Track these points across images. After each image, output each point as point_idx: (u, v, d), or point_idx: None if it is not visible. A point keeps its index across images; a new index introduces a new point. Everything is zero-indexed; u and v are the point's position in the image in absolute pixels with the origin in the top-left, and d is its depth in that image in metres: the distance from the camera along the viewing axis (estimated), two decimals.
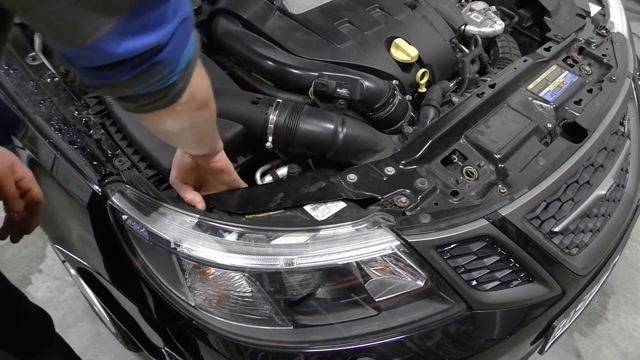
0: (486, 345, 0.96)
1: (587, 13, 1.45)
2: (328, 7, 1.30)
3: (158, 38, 0.49)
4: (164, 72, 0.53)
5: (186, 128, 0.67)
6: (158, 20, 0.48)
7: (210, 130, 0.75)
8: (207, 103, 0.66)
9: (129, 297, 0.99)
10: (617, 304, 1.85)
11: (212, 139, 0.78)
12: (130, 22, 0.46)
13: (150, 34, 0.48)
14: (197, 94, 0.62)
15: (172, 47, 0.51)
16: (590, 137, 1.06)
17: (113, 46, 0.47)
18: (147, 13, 0.47)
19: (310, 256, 0.83)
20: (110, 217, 0.90)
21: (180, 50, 0.53)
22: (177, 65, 0.54)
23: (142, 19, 0.47)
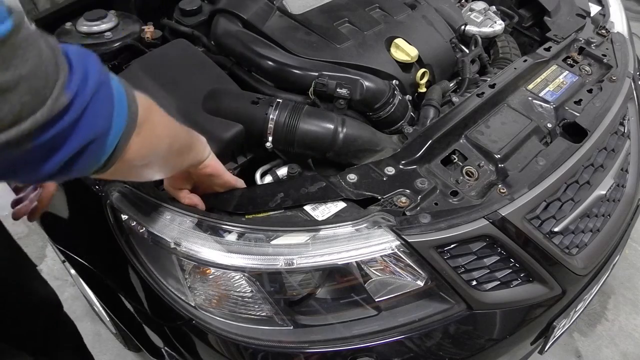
0: (486, 345, 0.96)
1: (587, 13, 1.45)
2: (328, 7, 1.30)
3: (43, 174, 0.44)
4: (70, 176, 0.49)
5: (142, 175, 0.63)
6: (36, 160, 0.43)
7: (177, 162, 0.71)
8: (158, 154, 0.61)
9: (128, 297, 0.99)
10: (617, 304, 1.85)
11: (184, 163, 0.74)
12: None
13: (28, 173, 0.44)
14: (136, 158, 0.55)
15: (73, 169, 0.46)
16: (590, 137, 1.06)
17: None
18: (14, 161, 0.42)
19: (310, 256, 0.83)
20: (110, 217, 0.90)
21: (88, 166, 0.48)
22: (86, 172, 0.49)
23: (8, 165, 0.42)
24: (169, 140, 0.64)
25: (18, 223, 2.03)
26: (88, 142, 0.46)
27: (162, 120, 0.61)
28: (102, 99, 0.47)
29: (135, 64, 1.08)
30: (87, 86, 0.45)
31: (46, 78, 0.40)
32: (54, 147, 0.43)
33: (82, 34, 1.17)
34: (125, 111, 0.50)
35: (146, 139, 0.56)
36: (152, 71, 1.06)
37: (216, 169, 0.83)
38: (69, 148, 0.44)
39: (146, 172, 0.64)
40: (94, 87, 0.45)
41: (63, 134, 0.43)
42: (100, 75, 0.47)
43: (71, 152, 0.45)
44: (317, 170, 1.08)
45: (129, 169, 0.57)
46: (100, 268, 1.06)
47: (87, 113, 0.45)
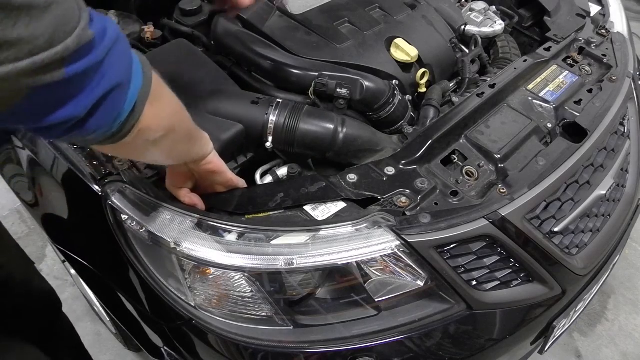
0: (486, 345, 0.96)
1: (587, 13, 1.45)
2: (328, 7, 1.30)
3: (71, 113, 0.47)
4: (92, 135, 0.52)
5: (148, 154, 0.65)
6: (68, 97, 0.46)
7: (184, 149, 0.73)
8: (168, 132, 0.64)
9: (128, 297, 0.99)
10: (617, 304, 1.85)
11: (189, 153, 0.76)
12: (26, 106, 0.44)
13: (59, 111, 0.46)
14: (150, 129, 0.59)
15: (97, 118, 0.50)
16: (590, 137, 1.06)
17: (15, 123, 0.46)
18: (51, 95, 0.45)
19: (310, 256, 0.83)
20: (110, 217, 0.90)
21: (109, 117, 0.51)
22: (108, 128, 0.52)
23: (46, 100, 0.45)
24: (179, 118, 0.66)
25: (18, 223, 2.03)
26: (112, 86, 0.49)
27: (172, 97, 0.64)
28: (121, 50, 0.51)
29: None
30: (106, 34, 0.48)
31: (73, 10, 0.44)
32: (84, 85, 0.47)
33: None
34: (140, 72, 0.54)
35: (160, 110, 0.60)
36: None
37: (219, 166, 0.84)
38: (97, 88, 0.48)
39: (156, 151, 0.66)
40: (114, 37, 0.49)
41: (91, 72, 0.46)
42: (117, 30, 0.51)
43: (99, 93, 0.48)
44: (317, 170, 1.08)
45: (143, 143, 0.60)
46: (100, 268, 1.06)
47: (109, 58, 0.48)
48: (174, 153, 0.72)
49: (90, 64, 0.46)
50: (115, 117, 0.52)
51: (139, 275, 0.91)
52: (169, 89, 0.64)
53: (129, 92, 0.52)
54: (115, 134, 0.54)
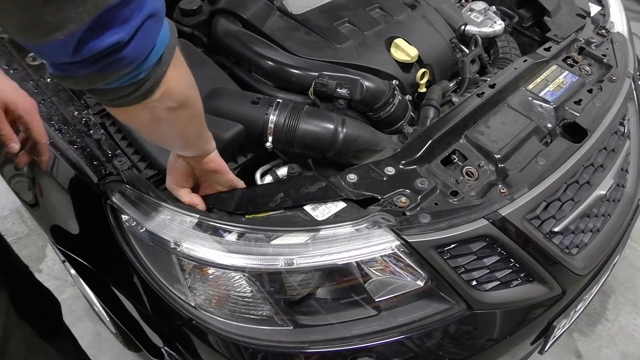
0: (486, 345, 0.96)
1: (587, 13, 1.45)
2: (328, 7, 1.30)
3: (118, 37, 0.47)
4: (126, 69, 0.52)
5: (164, 127, 0.66)
6: (120, 19, 0.46)
7: (196, 131, 0.73)
8: (186, 102, 0.65)
9: (128, 297, 0.99)
10: (617, 304, 1.85)
11: (199, 140, 0.76)
12: (97, 22, 0.45)
13: (110, 33, 0.46)
14: (173, 92, 0.60)
15: (134, 45, 0.50)
16: (590, 137, 1.06)
17: (69, 49, 0.46)
18: (112, 12, 0.45)
19: (310, 256, 0.83)
20: (110, 217, 0.90)
21: (145, 47, 0.52)
22: (142, 62, 0.52)
23: (107, 18, 0.45)
24: (195, 93, 0.67)
25: (18, 223, 2.03)
26: (151, 12, 0.50)
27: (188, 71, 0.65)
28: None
29: None
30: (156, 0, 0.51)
31: None
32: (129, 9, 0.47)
33: None
34: (168, 28, 0.56)
35: (181, 75, 0.61)
36: None
37: (220, 165, 0.84)
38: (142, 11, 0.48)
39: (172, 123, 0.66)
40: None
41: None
42: None
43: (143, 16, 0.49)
44: (317, 170, 1.08)
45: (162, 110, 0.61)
46: (100, 268, 1.06)
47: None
48: (186, 132, 0.72)
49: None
50: (144, 58, 0.52)
51: (139, 275, 0.91)
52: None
53: (161, 29, 0.54)
54: (140, 85, 0.55)
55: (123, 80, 0.53)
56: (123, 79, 0.53)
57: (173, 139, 0.73)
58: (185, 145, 0.76)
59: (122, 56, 0.49)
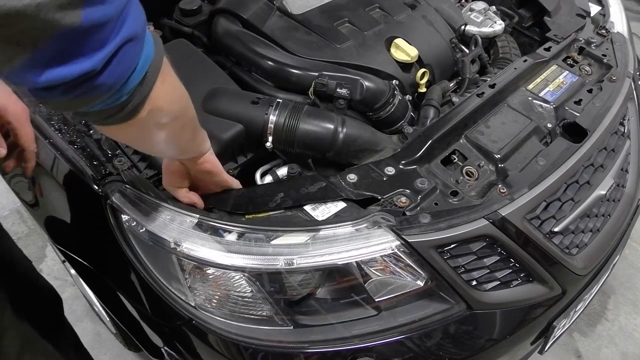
0: (486, 345, 0.96)
1: (587, 13, 1.45)
2: (328, 7, 1.30)
3: (88, 66, 0.44)
4: (105, 95, 0.49)
5: (154, 139, 0.64)
6: (88, 46, 0.44)
7: (188, 138, 0.72)
8: (177, 115, 0.63)
9: (128, 297, 0.99)
10: (617, 304, 1.85)
11: (191, 144, 0.75)
12: (47, 52, 0.42)
13: (76, 63, 0.44)
14: (161, 109, 0.58)
15: (111, 72, 0.47)
16: (590, 137, 1.06)
17: (30, 76, 0.43)
18: (70, 43, 0.42)
19: (310, 256, 0.83)
20: (110, 217, 0.90)
21: (124, 73, 0.49)
22: (123, 86, 0.50)
23: (65, 48, 0.42)
24: (187, 103, 0.66)
25: (18, 223, 2.03)
26: (128, 38, 0.47)
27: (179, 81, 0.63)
28: (137, 8, 0.49)
29: None
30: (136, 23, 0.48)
31: None
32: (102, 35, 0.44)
33: None
34: (152, 42, 0.53)
35: (170, 89, 0.59)
36: None
37: (215, 165, 0.83)
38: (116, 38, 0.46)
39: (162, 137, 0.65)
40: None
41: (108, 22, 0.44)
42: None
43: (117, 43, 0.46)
44: (317, 170, 1.08)
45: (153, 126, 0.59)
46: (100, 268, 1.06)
47: (126, 11, 0.47)
48: (177, 141, 0.71)
49: (107, 13, 0.44)
50: (124, 82, 0.50)
51: (139, 275, 0.91)
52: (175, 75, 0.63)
53: (141, 55, 0.51)
54: (123, 107, 0.53)
55: (104, 104, 0.51)
56: (103, 103, 0.51)
57: (164, 148, 0.71)
58: (178, 152, 0.75)
59: (97, 84, 0.47)
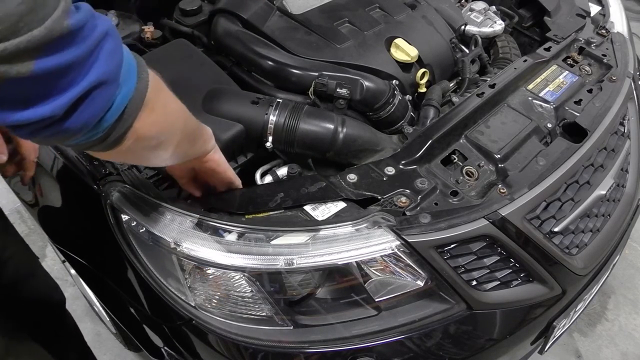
0: (486, 345, 0.96)
1: (587, 13, 1.45)
2: (328, 7, 1.30)
3: (47, 111, 0.42)
4: (76, 135, 0.47)
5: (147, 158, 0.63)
6: (43, 95, 0.42)
7: (185, 148, 0.70)
8: (169, 137, 0.61)
9: (128, 297, 0.99)
10: (617, 304, 1.85)
11: (192, 151, 0.74)
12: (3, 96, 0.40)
13: (34, 108, 0.42)
14: (147, 137, 0.56)
15: (78, 116, 0.45)
16: (590, 137, 1.06)
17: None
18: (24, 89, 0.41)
19: (310, 256, 0.83)
20: (110, 217, 0.90)
21: (93, 116, 0.47)
22: (95, 126, 0.48)
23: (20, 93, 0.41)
24: (182, 121, 0.64)
25: (18, 223, 2.03)
26: (93, 85, 0.45)
27: (173, 100, 0.62)
28: (111, 48, 0.47)
29: None
30: (94, 29, 0.45)
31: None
32: (59, 83, 0.43)
33: None
34: (134, 77, 0.51)
35: (160, 116, 0.57)
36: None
37: (219, 164, 0.83)
38: (76, 87, 0.44)
39: (157, 154, 0.63)
40: (103, 32, 0.45)
41: (68, 69, 0.42)
42: (109, 26, 0.47)
43: (77, 92, 0.44)
44: (317, 170, 1.08)
45: (141, 149, 0.58)
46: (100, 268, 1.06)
47: (95, 55, 0.45)
48: (175, 154, 0.70)
49: (66, 60, 0.42)
50: (98, 120, 0.48)
51: (139, 275, 0.91)
52: (171, 93, 0.61)
53: (116, 95, 0.48)
54: (103, 140, 0.51)
55: (79, 140, 0.49)
56: (78, 139, 0.49)
57: (160, 162, 0.70)
58: (178, 160, 0.74)
59: (63, 128, 0.45)
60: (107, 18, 0.49)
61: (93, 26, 0.45)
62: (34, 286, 1.09)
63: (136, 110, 0.52)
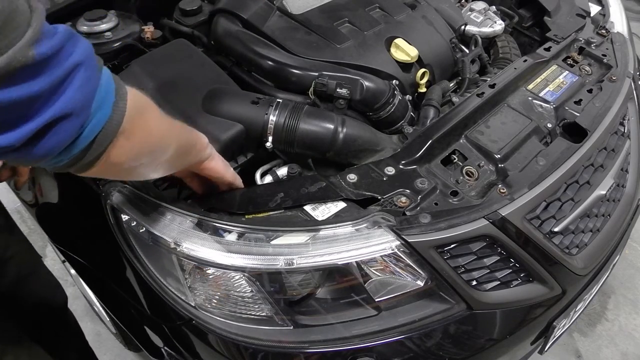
0: (486, 345, 0.96)
1: (587, 13, 1.45)
2: (328, 7, 1.30)
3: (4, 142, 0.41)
4: (41, 161, 0.46)
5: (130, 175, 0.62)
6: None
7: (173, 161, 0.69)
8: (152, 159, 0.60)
9: (128, 297, 0.99)
10: (617, 304, 1.85)
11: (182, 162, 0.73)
12: None
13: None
14: (120, 162, 0.54)
15: (40, 147, 0.44)
16: (590, 137, 1.06)
17: None
18: None
19: (310, 256, 0.83)
20: (110, 217, 0.90)
21: (56, 147, 0.45)
22: (61, 154, 0.46)
23: None
24: (167, 142, 0.63)
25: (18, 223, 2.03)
26: (60, 116, 0.43)
27: (159, 122, 0.60)
28: (84, 78, 0.45)
29: (135, 64, 1.08)
30: (67, 57, 0.43)
31: (12, 23, 0.38)
32: (19, 113, 0.41)
33: (82, 34, 1.17)
34: (110, 105, 0.49)
35: (138, 142, 0.55)
36: (152, 71, 1.05)
37: (216, 171, 0.82)
38: (38, 118, 0.42)
39: (142, 171, 0.63)
40: (75, 62, 0.44)
41: (30, 101, 0.41)
42: (87, 56, 0.45)
43: (40, 123, 0.42)
44: (317, 170, 1.08)
45: (120, 170, 0.56)
46: (100, 268, 1.06)
47: (65, 85, 0.43)
48: (164, 169, 0.69)
49: (29, 92, 0.40)
50: (65, 149, 0.46)
51: (139, 275, 0.91)
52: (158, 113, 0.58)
53: (86, 126, 0.47)
54: (72, 165, 0.50)
55: (46, 164, 0.48)
56: (44, 164, 0.47)
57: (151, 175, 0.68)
58: (167, 172, 0.72)
59: (25, 156, 0.44)
60: (86, 43, 0.46)
61: (67, 54, 0.43)
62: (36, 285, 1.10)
63: (108, 140, 0.50)
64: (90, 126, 0.47)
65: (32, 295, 1.08)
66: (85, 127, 0.47)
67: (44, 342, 1.04)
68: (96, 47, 1.13)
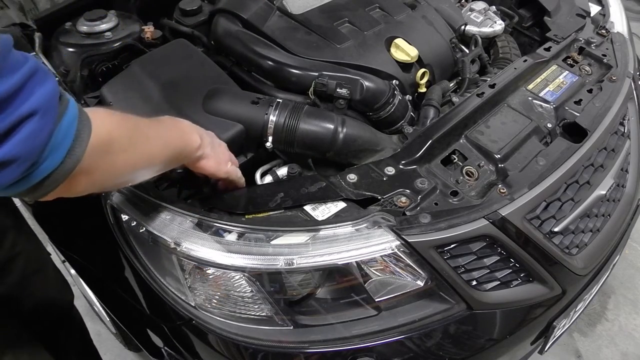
0: (486, 345, 0.96)
1: (587, 13, 1.45)
2: (328, 7, 1.30)
3: None
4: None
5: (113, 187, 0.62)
6: None
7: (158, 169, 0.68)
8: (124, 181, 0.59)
9: (128, 297, 0.99)
10: (617, 304, 1.85)
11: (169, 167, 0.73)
12: None
13: None
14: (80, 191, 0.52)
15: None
16: (590, 137, 1.06)
17: None
18: None
19: (310, 256, 0.83)
20: (110, 217, 0.90)
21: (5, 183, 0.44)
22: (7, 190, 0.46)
23: None
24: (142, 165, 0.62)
25: None
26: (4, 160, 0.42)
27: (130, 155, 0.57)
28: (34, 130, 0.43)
29: (135, 64, 1.08)
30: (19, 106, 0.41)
31: None
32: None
33: (82, 34, 1.17)
34: (63, 152, 0.47)
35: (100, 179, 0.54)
36: (152, 71, 1.06)
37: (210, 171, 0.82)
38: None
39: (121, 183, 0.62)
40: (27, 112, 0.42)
41: None
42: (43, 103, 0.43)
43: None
44: (317, 170, 1.08)
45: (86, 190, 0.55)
46: (100, 268, 1.06)
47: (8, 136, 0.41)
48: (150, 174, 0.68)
49: None
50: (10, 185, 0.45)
51: (139, 275, 0.91)
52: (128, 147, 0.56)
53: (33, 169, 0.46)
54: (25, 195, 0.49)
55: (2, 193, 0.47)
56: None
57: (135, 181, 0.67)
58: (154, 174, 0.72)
59: None
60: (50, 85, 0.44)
61: (25, 97, 0.42)
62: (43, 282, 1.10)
63: (60, 180, 0.49)
64: (40, 169, 0.46)
65: (39, 293, 1.08)
66: (34, 170, 0.46)
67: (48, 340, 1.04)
68: (96, 47, 1.15)
